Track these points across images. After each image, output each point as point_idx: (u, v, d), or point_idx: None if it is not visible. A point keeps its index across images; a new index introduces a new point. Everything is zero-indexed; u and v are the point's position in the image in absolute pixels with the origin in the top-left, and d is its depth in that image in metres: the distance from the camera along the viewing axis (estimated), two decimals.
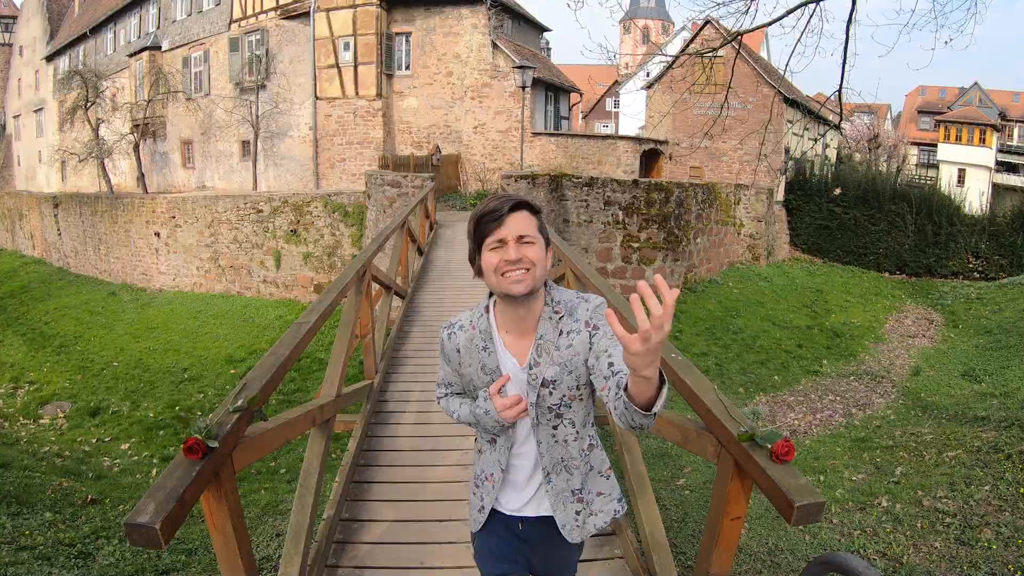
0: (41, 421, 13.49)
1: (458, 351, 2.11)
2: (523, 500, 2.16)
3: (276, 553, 4.78)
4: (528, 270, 1.90)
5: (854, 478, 7.54)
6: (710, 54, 9.16)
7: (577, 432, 2.08)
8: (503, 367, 2.05)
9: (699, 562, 2.60)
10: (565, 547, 2.23)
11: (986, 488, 6.28)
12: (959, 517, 5.78)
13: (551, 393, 2.00)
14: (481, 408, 2.04)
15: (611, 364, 1.86)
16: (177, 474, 2.01)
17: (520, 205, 1.95)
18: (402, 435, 5.24)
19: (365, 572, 3.50)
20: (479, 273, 2.01)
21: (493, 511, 2.20)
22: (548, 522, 2.15)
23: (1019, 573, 4.78)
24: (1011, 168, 45.09)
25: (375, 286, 6.90)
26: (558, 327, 2.00)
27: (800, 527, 5.82)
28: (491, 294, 2.09)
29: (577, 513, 2.12)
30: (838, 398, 12.62)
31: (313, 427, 3.67)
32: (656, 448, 8.44)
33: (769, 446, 2.09)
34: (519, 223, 1.92)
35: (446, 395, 2.29)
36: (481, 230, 1.93)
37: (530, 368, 2.01)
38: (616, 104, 47.41)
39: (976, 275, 24.23)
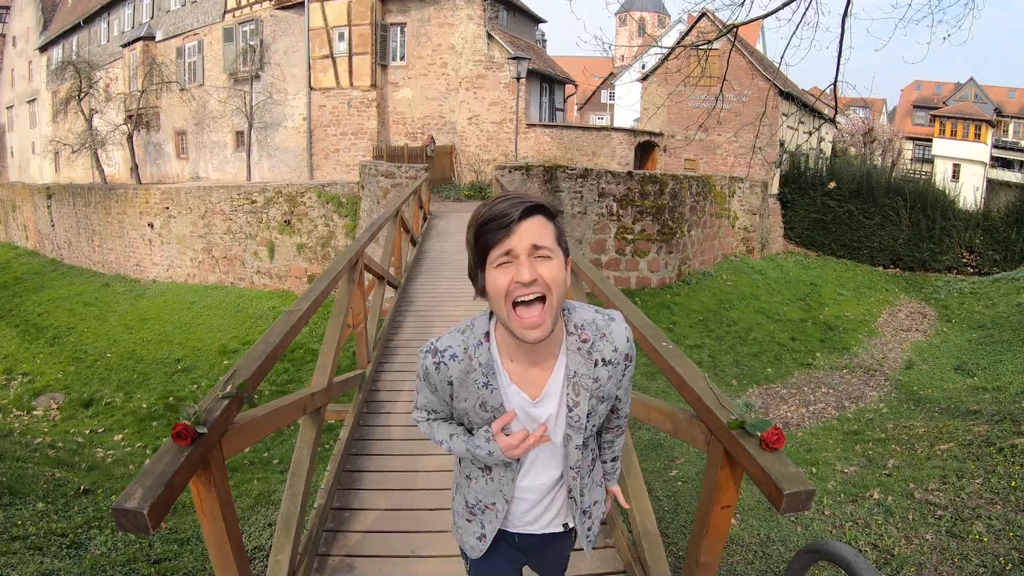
0: (34, 412, 13.47)
1: (450, 384, 1.79)
2: (526, 523, 2.02)
3: (268, 543, 4.78)
4: (543, 299, 1.60)
5: (846, 470, 7.56)
6: (705, 46, 9.14)
7: (591, 452, 2.01)
8: (508, 404, 1.78)
9: (689, 551, 2.60)
10: (561, 550, 2.23)
11: (978, 481, 6.30)
12: (950, 510, 5.80)
13: (587, 428, 1.85)
14: (483, 449, 1.81)
15: (618, 409, 2.03)
16: (165, 460, 1.98)
17: (535, 208, 1.60)
18: (394, 424, 5.23)
19: (356, 560, 3.49)
20: (482, 294, 1.69)
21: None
22: (548, 537, 2.07)
23: (1010, 566, 4.79)
24: (1006, 164, 45.21)
25: (368, 276, 6.88)
26: (591, 357, 1.77)
27: (792, 518, 5.84)
28: (491, 313, 1.79)
29: (589, 529, 2.06)
30: (831, 391, 12.65)
31: (304, 415, 3.66)
32: (649, 439, 8.45)
33: (759, 434, 2.08)
34: (533, 231, 1.58)
35: (428, 420, 2.00)
36: (484, 240, 1.60)
37: (569, 410, 1.79)
38: (611, 96, 47.43)
39: (970, 270, 24.35)
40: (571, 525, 2.06)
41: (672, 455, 8.03)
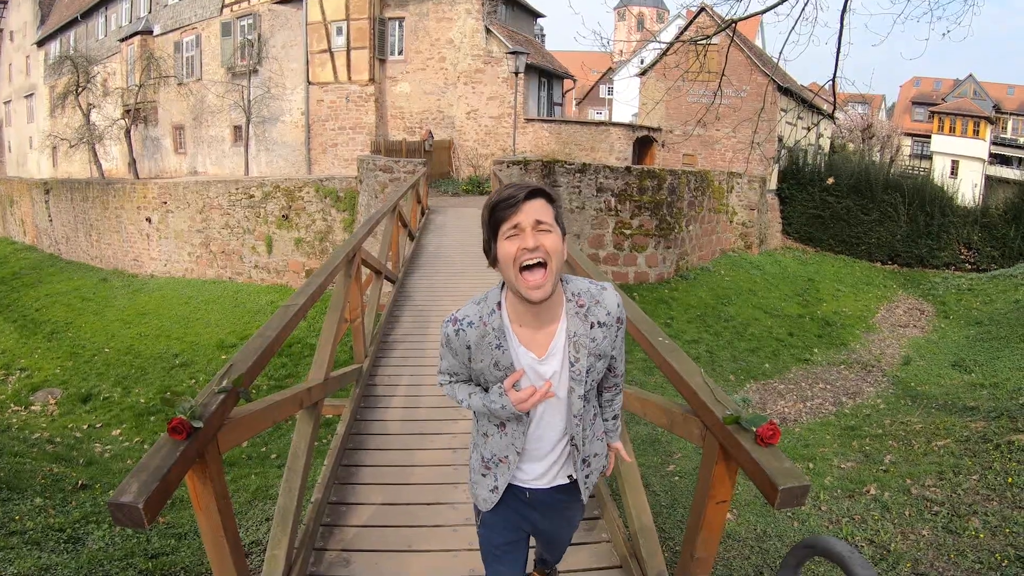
0: (32, 408, 13.46)
1: (468, 348, 2.05)
2: (536, 475, 2.23)
3: (266, 537, 4.79)
4: (545, 265, 1.86)
5: (843, 466, 7.58)
6: (704, 41, 9.13)
7: (592, 407, 2.22)
8: (517, 363, 2.03)
9: (684, 546, 2.60)
10: (571, 508, 2.41)
11: (974, 477, 6.32)
12: (947, 506, 5.82)
13: (587, 382, 2.08)
14: (497, 403, 2.04)
15: (614, 368, 2.25)
16: (161, 454, 1.99)
17: (537, 192, 1.89)
18: (391, 419, 5.23)
19: (352, 555, 3.50)
20: (494, 264, 1.96)
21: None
22: (555, 489, 2.27)
23: (1006, 562, 4.81)
24: (1004, 160, 45.17)
25: (365, 271, 6.88)
26: (587, 319, 2.03)
27: (788, 513, 5.86)
28: (502, 286, 2.05)
29: (587, 477, 2.29)
30: (828, 386, 12.66)
31: (300, 410, 3.66)
32: (646, 435, 8.46)
33: (754, 429, 2.09)
34: (536, 209, 1.87)
35: (450, 382, 2.23)
36: (496, 217, 1.89)
37: (571, 365, 2.04)
38: (610, 91, 47.46)
39: (968, 266, 24.34)
40: (575, 476, 2.28)
41: (669, 450, 8.04)
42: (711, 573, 2.59)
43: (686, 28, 23.12)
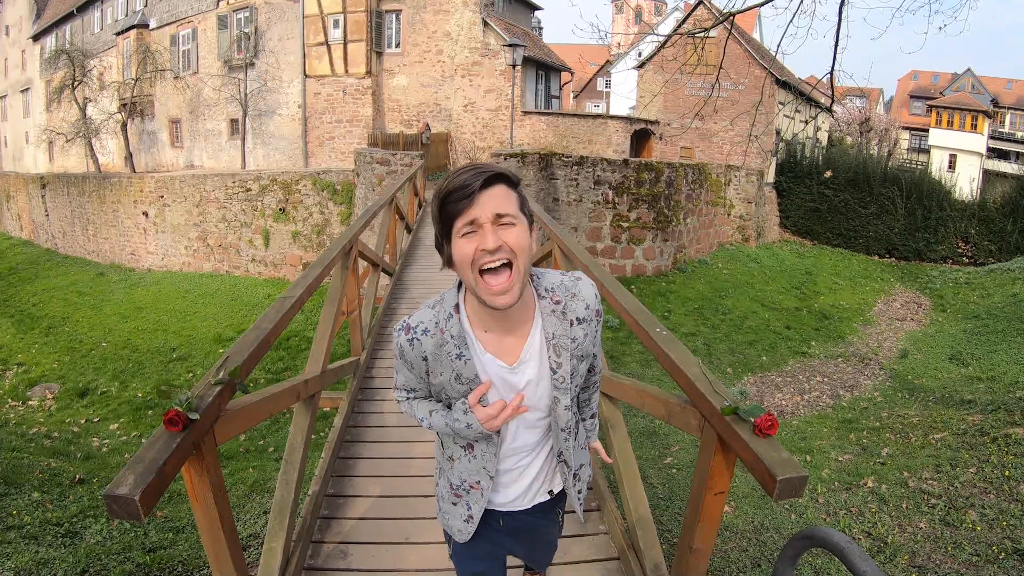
0: (30, 403, 13.44)
1: (424, 359, 1.79)
2: (513, 498, 2.02)
3: (263, 530, 4.78)
4: (510, 265, 1.61)
5: (840, 459, 7.57)
6: (702, 34, 9.09)
7: (573, 415, 1.96)
8: (483, 374, 1.78)
9: (682, 537, 2.60)
10: (548, 528, 2.22)
11: (971, 470, 6.32)
12: (944, 498, 5.81)
13: (572, 389, 1.86)
14: (461, 422, 1.79)
15: (594, 367, 2.05)
16: (157, 446, 1.97)
17: (496, 178, 1.61)
18: (388, 411, 5.22)
19: (350, 547, 3.49)
20: (449, 264, 1.69)
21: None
22: (534, 509, 2.08)
23: (1003, 554, 4.81)
24: (1002, 155, 45.20)
25: (363, 263, 6.87)
26: (565, 317, 1.79)
27: (786, 506, 5.86)
28: (460, 286, 1.80)
29: (580, 492, 2.10)
30: (826, 379, 12.66)
31: (298, 402, 3.65)
32: (644, 427, 8.46)
33: (752, 420, 2.08)
34: (496, 200, 1.60)
35: (408, 399, 1.98)
36: (448, 211, 1.60)
37: (553, 372, 1.80)
38: (607, 84, 47.39)
39: (965, 260, 24.39)
40: (556, 492, 2.09)
41: (667, 443, 8.04)
42: (709, 564, 2.59)
43: (684, 21, 23.07)
